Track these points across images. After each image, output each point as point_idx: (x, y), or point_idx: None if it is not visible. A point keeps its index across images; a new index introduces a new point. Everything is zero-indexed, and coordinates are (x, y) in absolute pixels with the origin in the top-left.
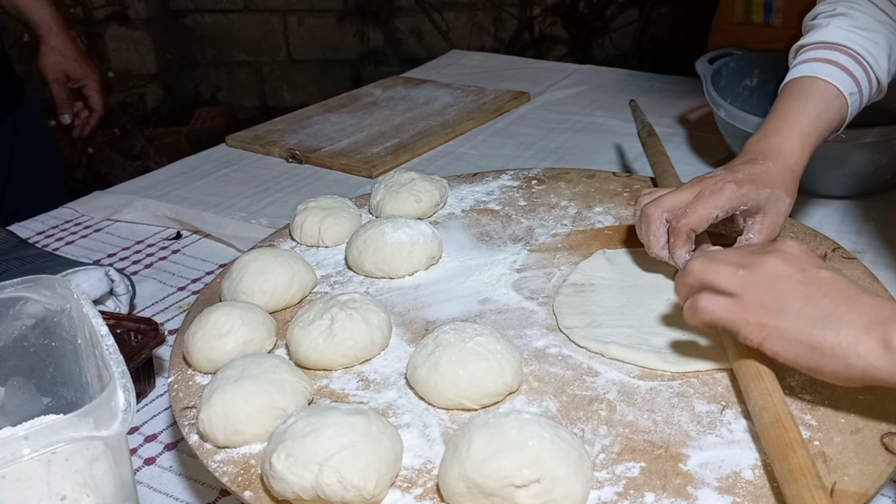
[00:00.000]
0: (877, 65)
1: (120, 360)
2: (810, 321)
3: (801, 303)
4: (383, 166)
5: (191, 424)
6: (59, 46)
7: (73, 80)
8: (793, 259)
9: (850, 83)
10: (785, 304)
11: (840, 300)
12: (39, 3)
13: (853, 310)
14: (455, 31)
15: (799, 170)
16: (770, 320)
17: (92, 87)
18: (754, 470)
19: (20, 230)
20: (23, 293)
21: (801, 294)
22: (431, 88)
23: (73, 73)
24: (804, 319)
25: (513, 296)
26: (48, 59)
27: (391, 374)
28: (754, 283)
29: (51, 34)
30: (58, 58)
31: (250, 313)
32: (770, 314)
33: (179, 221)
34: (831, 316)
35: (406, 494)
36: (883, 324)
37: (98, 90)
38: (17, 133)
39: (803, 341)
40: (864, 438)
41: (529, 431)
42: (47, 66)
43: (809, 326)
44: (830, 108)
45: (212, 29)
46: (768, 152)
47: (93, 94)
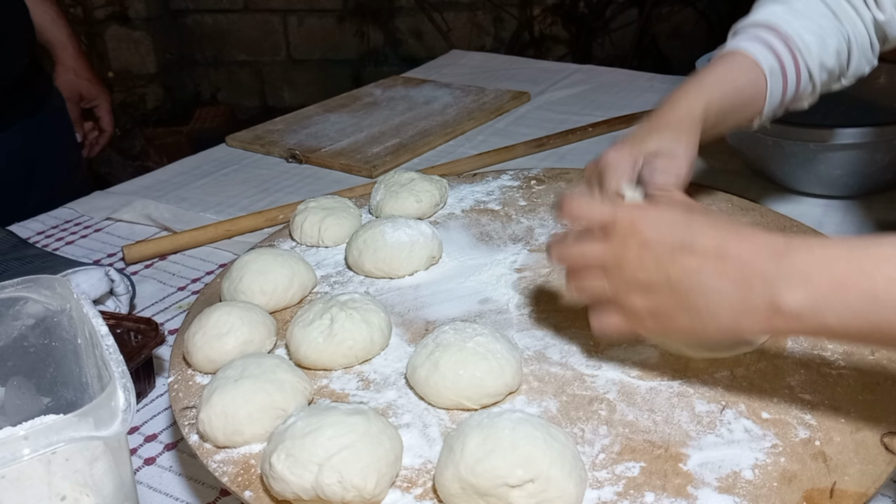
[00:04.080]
0: (805, 49)
1: (120, 360)
2: (688, 317)
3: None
4: (383, 166)
5: (191, 424)
6: (73, 66)
7: (86, 100)
8: (645, 248)
9: (771, 58)
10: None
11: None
12: (57, 24)
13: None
14: (455, 31)
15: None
16: (647, 326)
17: (103, 107)
18: (754, 470)
19: (20, 230)
20: (23, 293)
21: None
22: (431, 88)
23: (85, 92)
24: (680, 316)
25: (513, 296)
26: (62, 78)
27: (391, 374)
28: (620, 298)
29: (66, 54)
30: (72, 77)
31: (250, 313)
32: (645, 322)
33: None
34: (707, 307)
35: (406, 494)
36: (763, 293)
37: (109, 111)
38: (44, 128)
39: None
40: (864, 438)
41: (522, 431)
42: (61, 84)
43: (688, 322)
44: (742, 74)
45: (212, 29)
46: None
47: (104, 115)
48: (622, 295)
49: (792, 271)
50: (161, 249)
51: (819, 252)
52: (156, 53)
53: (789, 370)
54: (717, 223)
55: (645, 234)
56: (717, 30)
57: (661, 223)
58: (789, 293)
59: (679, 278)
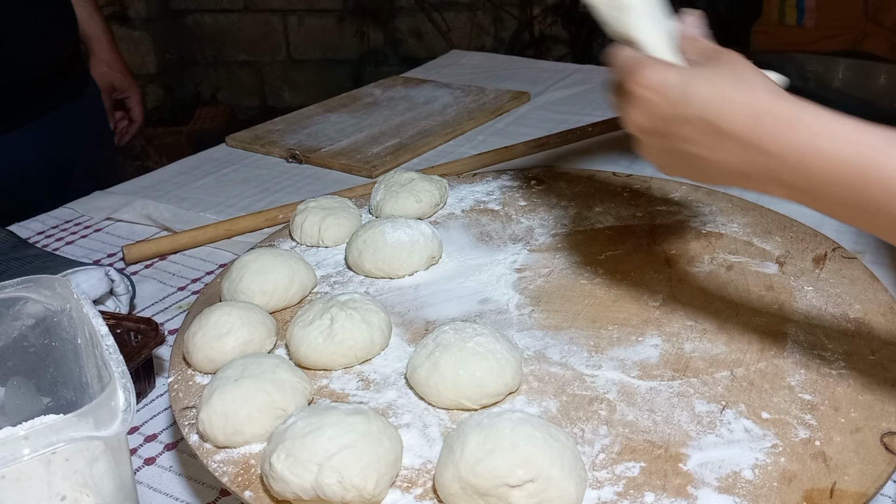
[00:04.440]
0: None
1: (120, 360)
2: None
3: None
4: (383, 166)
5: (191, 424)
6: (107, 59)
7: (118, 92)
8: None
9: None
10: (660, 163)
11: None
12: (93, 18)
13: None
14: (455, 31)
15: None
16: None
17: (134, 98)
18: (754, 470)
19: (20, 230)
20: (23, 293)
21: (669, 153)
22: (431, 88)
23: (118, 84)
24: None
25: (513, 296)
26: (97, 70)
27: (391, 374)
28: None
29: (100, 47)
30: (105, 69)
31: (250, 313)
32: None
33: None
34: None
35: (406, 494)
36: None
37: (139, 102)
38: (83, 115)
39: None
40: (864, 438)
41: (523, 431)
42: (96, 76)
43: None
44: None
45: (212, 29)
46: None
47: (134, 106)
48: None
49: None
50: (161, 249)
51: None
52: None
53: (789, 370)
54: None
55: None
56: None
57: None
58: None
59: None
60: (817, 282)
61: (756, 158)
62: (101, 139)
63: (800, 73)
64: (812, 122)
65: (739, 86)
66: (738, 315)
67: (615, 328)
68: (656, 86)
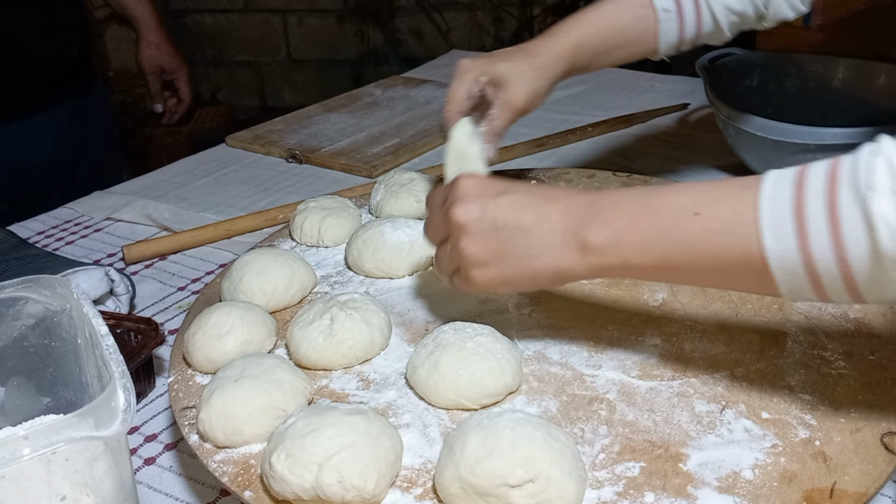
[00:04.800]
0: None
1: (120, 360)
2: (517, 261)
3: (502, 246)
4: (383, 166)
5: (191, 424)
6: (155, 41)
7: (167, 73)
8: (471, 200)
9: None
10: (489, 254)
11: (531, 223)
12: (140, 2)
13: (544, 228)
14: (455, 31)
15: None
16: (488, 276)
17: (182, 79)
18: (754, 469)
19: (20, 230)
20: (23, 293)
21: (497, 237)
22: (431, 88)
23: (167, 66)
24: (512, 261)
25: (513, 296)
26: (146, 52)
27: (391, 374)
28: (458, 249)
29: (148, 30)
30: (154, 52)
31: (250, 313)
32: (485, 270)
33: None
34: (530, 246)
35: (406, 494)
36: (574, 233)
37: (187, 82)
38: (90, 111)
39: (523, 278)
40: (864, 438)
41: (523, 431)
42: (145, 59)
43: (521, 265)
44: (627, 12)
45: (212, 29)
46: (536, 40)
47: (182, 86)
48: (459, 252)
49: (597, 213)
50: (161, 249)
51: (620, 196)
52: None
53: (789, 370)
54: (532, 187)
55: (468, 191)
56: None
57: (481, 183)
58: (594, 231)
59: (503, 219)
60: None
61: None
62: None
63: (800, 73)
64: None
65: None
66: (738, 315)
67: (615, 328)
68: (475, 185)
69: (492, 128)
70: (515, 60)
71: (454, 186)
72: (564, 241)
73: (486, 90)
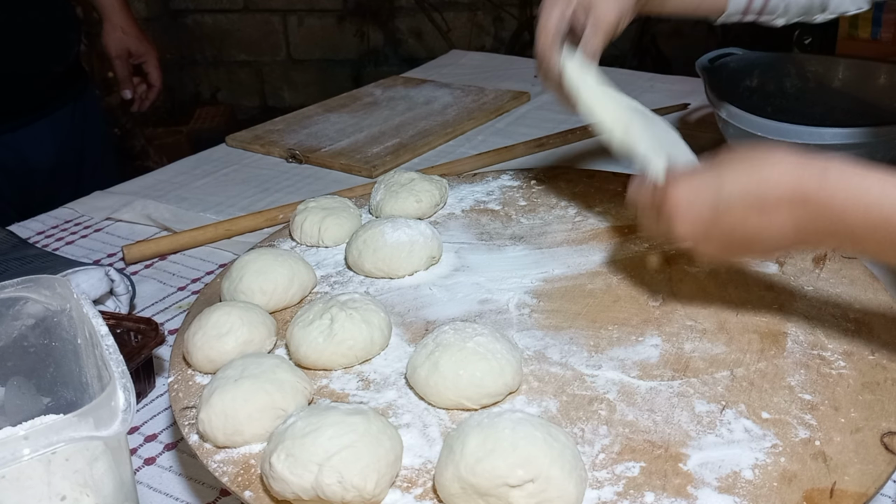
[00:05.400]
0: None
1: (120, 360)
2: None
3: (731, 246)
4: (383, 166)
5: (191, 424)
6: (121, 24)
7: (135, 57)
8: (689, 218)
9: None
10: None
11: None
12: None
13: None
14: (455, 31)
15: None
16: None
17: (151, 63)
18: (754, 469)
19: (20, 230)
20: (23, 293)
21: (724, 242)
22: (431, 88)
23: (134, 49)
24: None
25: (512, 295)
26: (111, 36)
27: (391, 374)
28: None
29: (114, 12)
30: (120, 35)
31: (250, 313)
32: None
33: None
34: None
35: (406, 494)
36: (804, 235)
37: (157, 66)
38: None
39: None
40: (864, 438)
41: (523, 431)
42: (110, 43)
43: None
44: None
45: (212, 29)
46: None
47: (152, 71)
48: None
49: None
50: (161, 249)
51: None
52: None
53: (789, 370)
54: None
55: (682, 205)
56: (716, 30)
57: (693, 191)
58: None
59: (729, 229)
60: (817, 282)
61: (804, 214)
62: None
63: (800, 73)
64: (840, 174)
65: (764, 161)
66: (738, 315)
67: (615, 328)
68: (689, 196)
69: (587, 50)
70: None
71: (667, 198)
72: (794, 241)
73: (577, 14)
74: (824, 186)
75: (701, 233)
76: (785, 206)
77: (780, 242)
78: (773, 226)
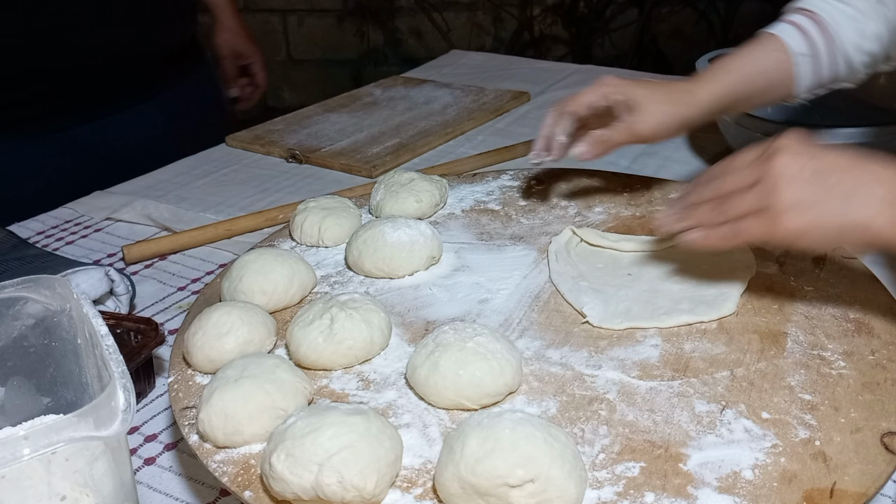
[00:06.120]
0: (844, 35)
1: (120, 360)
2: (834, 207)
3: (823, 191)
4: (383, 166)
5: (191, 424)
6: (231, 26)
7: (242, 58)
8: (799, 151)
9: (802, 43)
10: (808, 198)
11: (856, 174)
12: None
13: (869, 180)
14: (455, 31)
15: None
16: (799, 221)
17: (257, 64)
18: (754, 470)
19: (20, 230)
20: (23, 293)
21: (819, 183)
22: (431, 88)
23: (242, 50)
24: (829, 207)
25: (512, 295)
26: (221, 37)
27: (391, 374)
28: (775, 191)
29: (224, 14)
30: (230, 36)
31: (250, 313)
32: (798, 214)
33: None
34: (852, 195)
35: (406, 494)
36: None
37: (263, 67)
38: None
39: (832, 228)
40: (864, 438)
41: (523, 431)
42: (220, 43)
43: (836, 213)
44: (767, 57)
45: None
46: (688, 78)
47: (258, 71)
48: (775, 193)
49: None
50: (161, 249)
51: None
52: None
53: (789, 370)
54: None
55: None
56: (716, 30)
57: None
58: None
59: (828, 166)
60: (817, 282)
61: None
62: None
63: None
64: None
65: None
66: (738, 315)
67: (615, 328)
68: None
69: (603, 135)
70: (655, 91)
71: (777, 141)
72: (886, 200)
73: (618, 108)
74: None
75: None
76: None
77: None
78: (869, 168)
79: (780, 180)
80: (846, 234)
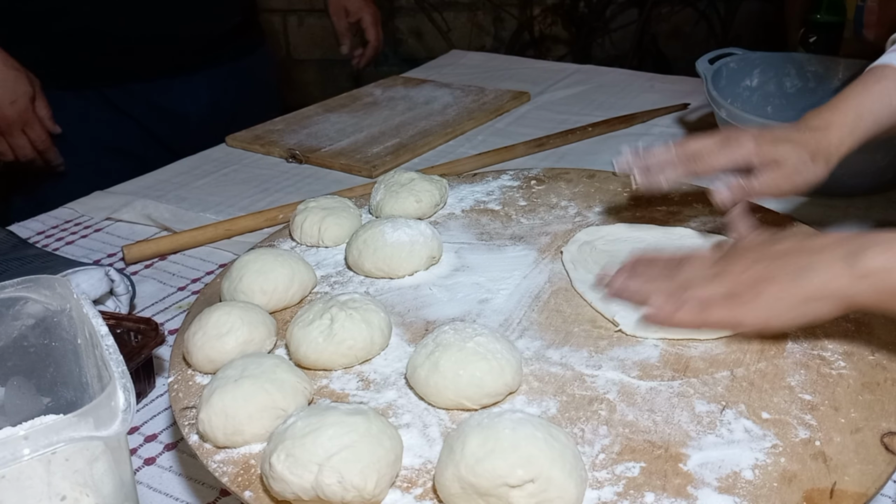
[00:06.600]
0: None
1: (120, 360)
2: (788, 282)
3: (775, 267)
4: (383, 166)
5: (191, 424)
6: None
7: (351, 14)
8: (753, 242)
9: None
10: (761, 278)
11: (806, 247)
12: None
13: (821, 250)
14: (455, 31)
15: (839, 144)
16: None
17: (367, 20)
18: (754, 470)
19: (20, 230)
20: (23, 293)
21: (770, 262)
22: (431, 88)
23: (350, 7)
24: (783, 283)
25: (512, 295)
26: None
27: (391, 374)
28: (729, 274)
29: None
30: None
31: (250, 313)
32: (755, 296)
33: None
34: (803, 267)
35: (406, 494)
36: (851, 255)
37: (373, 24)
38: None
39: (791, 302)
40: (864, 438)
41: (523, 431)
42: (328, 1)
43: (791, 287)
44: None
45: None
46: (816, 124)
47: (368, 28)
48: (728, 271)
49: (875, 241)
50: (161, 249)
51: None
52: None
53: (789, 370)
54: None
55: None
56: (716, 30)
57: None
58: (873, 254)
59: (782, 249)
60: None
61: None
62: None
63: (800, 73)
64: None
65: None
66: None
67: (615, 327)
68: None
69: (746, 185)
70: (798, 146)
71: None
72: (840, 259)
73: (753, 161)
74: None
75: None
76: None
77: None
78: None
79: (737, 262)
80: (808, 305)
